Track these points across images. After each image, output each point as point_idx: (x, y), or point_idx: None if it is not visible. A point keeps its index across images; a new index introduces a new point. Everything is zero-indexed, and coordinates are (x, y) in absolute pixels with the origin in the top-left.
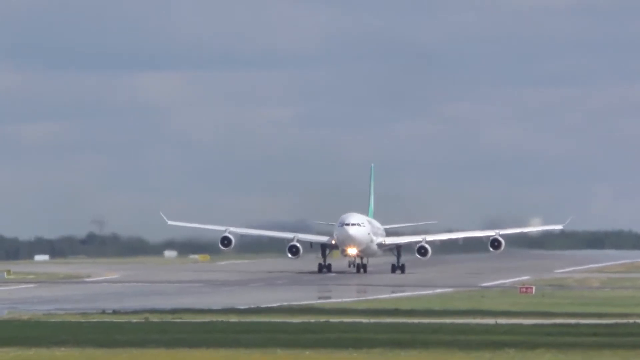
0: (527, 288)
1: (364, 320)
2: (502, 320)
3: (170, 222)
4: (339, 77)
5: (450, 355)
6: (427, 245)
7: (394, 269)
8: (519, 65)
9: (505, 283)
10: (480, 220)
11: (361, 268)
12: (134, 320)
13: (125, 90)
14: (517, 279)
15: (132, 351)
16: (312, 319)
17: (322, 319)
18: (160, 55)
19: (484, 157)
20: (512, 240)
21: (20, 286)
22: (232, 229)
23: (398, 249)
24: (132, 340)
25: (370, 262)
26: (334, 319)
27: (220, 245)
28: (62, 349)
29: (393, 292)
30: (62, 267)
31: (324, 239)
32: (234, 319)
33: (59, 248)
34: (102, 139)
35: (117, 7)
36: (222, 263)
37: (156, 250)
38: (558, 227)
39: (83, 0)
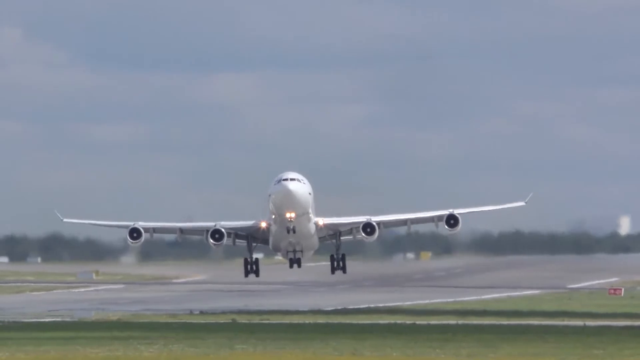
0: (615, 290)
1: (452, 321)
2: (591, 322)
3: (65, 220)
4: (408, 77)
5: (539, 357)
6: (374, 223)
7: (333, 265)
8: (594, 64)
9: (593, 285)
10: (566, 220)
11: (295, 263)
12: (222, 321)
13: (199, 90)
14: (605, 280)
15: (220, 352)
16: (399, 320)
17: (409, 320)
18: (233, 56)
19: (562, 156)
20: (597, 244)
21: (108, 287)
22: (141, 223)
23: (337, 234)
24: (219, 341)
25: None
26: (421, 321)
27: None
28: (150, 349)
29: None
30: (150, 269)
31: (248, 223)
32: (321, 320)
33: (144, 250)
34: (180, 139)
35: (192, 10)
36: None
37: (242, 252)
38: (520, 203)
39: (159, 3)
